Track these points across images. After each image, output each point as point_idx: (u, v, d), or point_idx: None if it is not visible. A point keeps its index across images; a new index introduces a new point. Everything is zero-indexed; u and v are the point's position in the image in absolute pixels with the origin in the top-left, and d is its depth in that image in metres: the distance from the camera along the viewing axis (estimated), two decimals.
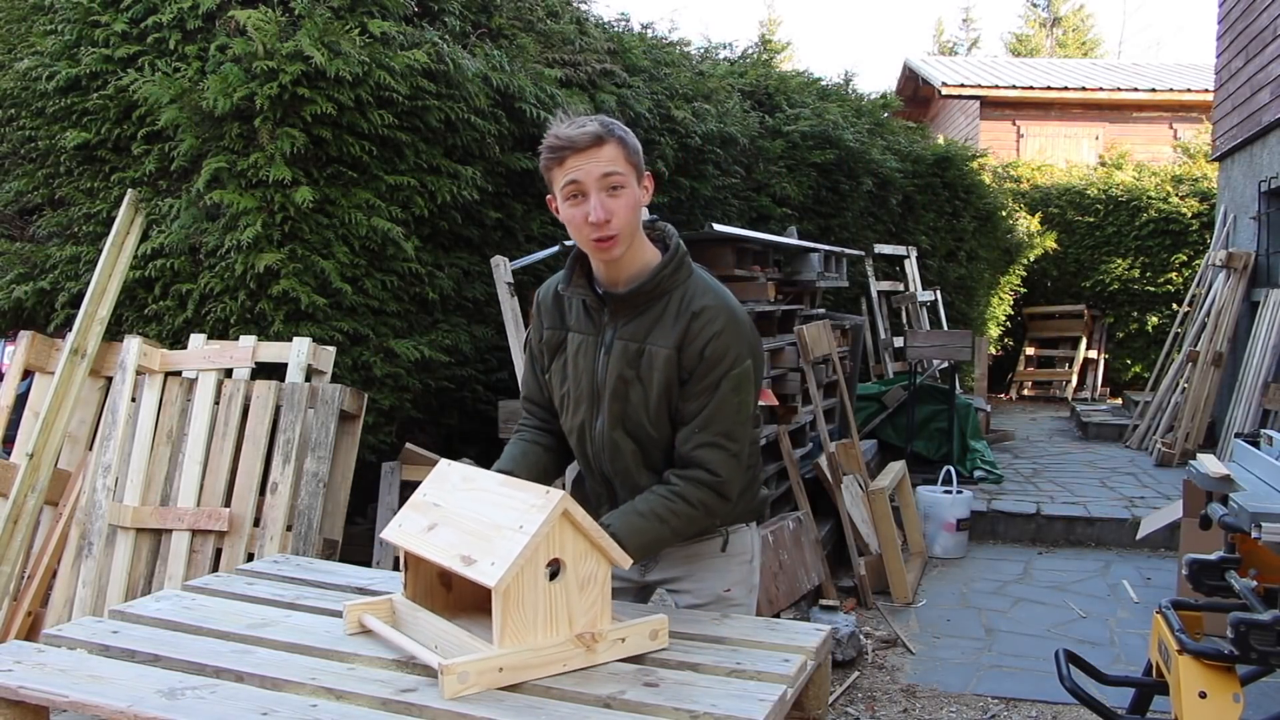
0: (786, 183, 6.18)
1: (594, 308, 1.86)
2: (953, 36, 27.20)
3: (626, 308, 1.82)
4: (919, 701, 3.50)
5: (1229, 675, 2.09)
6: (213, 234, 3.29)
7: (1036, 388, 11.48)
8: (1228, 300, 7.24)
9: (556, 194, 1.78)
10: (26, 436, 3.28)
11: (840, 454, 4.80)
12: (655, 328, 1.81)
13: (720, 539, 1.94)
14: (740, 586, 1.98)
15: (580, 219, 1.74)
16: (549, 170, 1.77)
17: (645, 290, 1.80)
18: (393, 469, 3.64)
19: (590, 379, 1.86)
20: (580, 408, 1.89)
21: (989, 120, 13.34)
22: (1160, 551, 5.36)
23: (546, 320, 1.95)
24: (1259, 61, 7.04)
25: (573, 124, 1.74)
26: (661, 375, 1.79)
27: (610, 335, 1.84)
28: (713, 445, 1.79)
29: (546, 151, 1.75)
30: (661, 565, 1.96)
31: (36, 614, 3.20)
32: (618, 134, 1.76)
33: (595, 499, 1.97)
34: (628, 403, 1.82)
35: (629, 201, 1.75)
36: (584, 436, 1.90)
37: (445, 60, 3.54)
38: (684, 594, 1.97)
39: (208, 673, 1.53)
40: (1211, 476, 2.63)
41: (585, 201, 1.73)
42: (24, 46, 3.69)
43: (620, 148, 1.75)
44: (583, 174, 1.72)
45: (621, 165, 1.74)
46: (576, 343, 1.88)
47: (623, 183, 1.74)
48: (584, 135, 1.71)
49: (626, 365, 1.81)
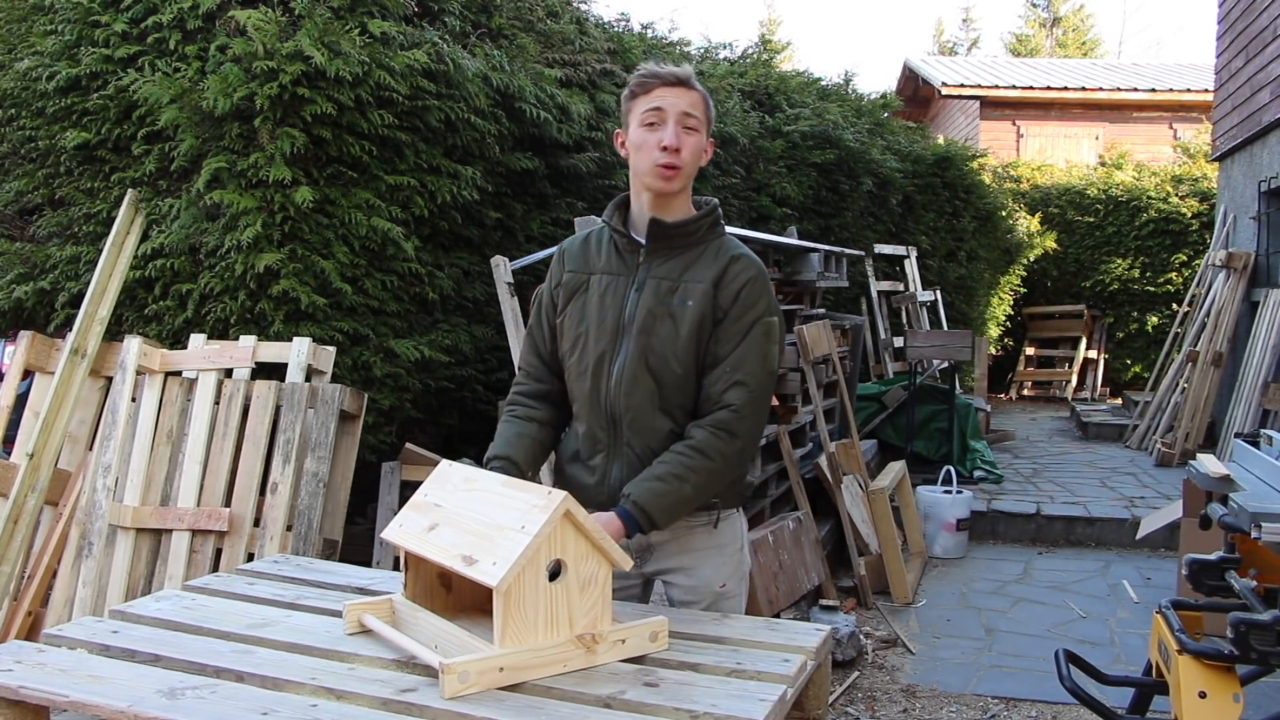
0: (786, 183, 6.18)
1: (627, 250, 1.94)
2: (953, 36, 27.22)
3: (664, 247, 1.90)
4: (919, 701, 3.50)
5: (1229, 675, 2.09)
6: (213, 234, 3.29)
7: (1036, 388, 11.48)
8: (1227, 300, 7.24)
9: (631, 123, 1.89)
10: (27, 436, 3.28)
11: (840, 454, 4.80)
12: (691, 267, 1.89)
13: (712, 517, 1.96)
14: (733, 578, 2.02)
15: (654, 143, 1.85)
16: (632, 99, 1.90)
17: (689, 227, 1.90)
18: (393, 469, 3.64)
19: (616, 315, 1.90)
20: (600, 344, 1.91)
21: (989, 120, 13.34)
22: (1160, 551, 5.36)
23: (569, 265, 2.01)
24: (1259, 61, 7.04)
25: (664, 64, 1.91)
26: (696, 309, 1.85)
27: (643, 274, 1.91)
28: (740, 385, 1.84)
29: (635, 81, 1.89)
30: (657, 556, 1.98)
31: (36, 614, 3.20)
32: (701, 89, 1.91)
33: (590, 446, 1.95)
34: (654, 337, 1.87)
35: (696, 145, 1.89)
36: (600, 374, 1.91)
37: (445, 60, 3.54)
38: (678, 587, 1.99)
39: (208, 673, 1.54)
40: (1211, 476, 2.63)
41: (662, 129, 1.85)
42: (24, 46, 3.69)
43: (701, 100, 1.90)
44: (667, 104, 1.86)
45: (699, 113, 1.89)
46: (603, 283, 1.93)
47: (697, 127, 1.88)
48: (674, 74, 1.87)
49: (658, 301, 1.88)
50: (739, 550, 2.03)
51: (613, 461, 1.92)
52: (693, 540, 1.97)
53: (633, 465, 1.89)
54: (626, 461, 1.90)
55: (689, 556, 1.97)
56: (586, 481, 1.94)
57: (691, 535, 1.97)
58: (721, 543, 1.99)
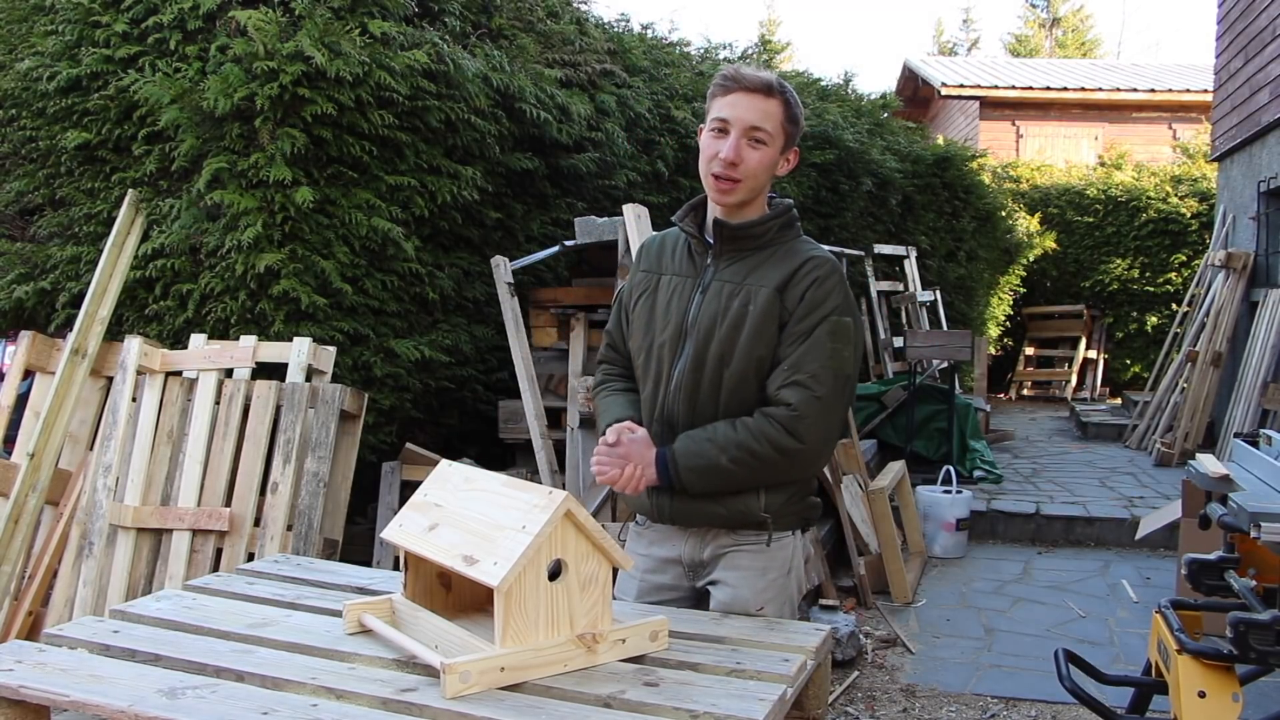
0: (786, 183, 6.18)
1: (698, 251, 1.91)
2: (952, 37, 27.23)
3: (732, 248, 1.87)
4: (919, 701, 3.50)
5: (1228, 675, 2.09)
6: (213, 234, 3.30)
7: (1036, 388, 11.48)
8: (1227, 300, 7.24)
9: (706, 124, 1.85)
10: (27, 436, 3.28)
11: (840, 454, 4.80)
12: (758, 270, 1.85)
13: (763, 536, 1.88)
14: (774, 603, 1.90)
15: (712, 152, 1.82)
16: (712, 99, 1.85)
17: (755, 229, 1.85)
18: (393, 469, 3.64)
19: (680, 318, 1.88)
20: (663, 347, 1.88)
21: (988, 120, 13.34)
22: (1160, 551, 5.36)
23: (643, 264, 1.99)
24: (1258, 62, 7.04)
25: (752, 68, 1.86)
26: (759, 313, 1.80)
27: (709, 276, 1.88)
28: (797, 384, 1.77)
29: (717, 80, 1.84)
30: (707, 569, 1.93)
31: (37, 614, 3.20)
32: (787, 95, 1.84)
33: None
34: (714, 340, 1.83)
35: (765, 159, 1.82)
36: (660, 379, 1.89)
37: (445, 60, 3.55)
38: (715, 600, 1.92)
39: (208, 672, 1.54)
40: (1211, 476, 2.63)
41: (725, 139, 1.80)
42: (25, 47, 3.69)
43: (784, 108, 1.83)
44: (735, 115, 1.80)
45: (774, 124, 1.82)
46: (671, 286, 1.91)
47: (767, 140, 1.82)
48: (756, 80, 1.81)
49: (720, 304, 1.84)
50: (785, 575, 1.91)
51: None
52: (739, 558, 1.90)
53: None
54: None
55: (733, 573, 1.90)
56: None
57: (739, 553, 1.90)
58: (767, 565, 1.89)
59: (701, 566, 1.94)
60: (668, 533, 1.94)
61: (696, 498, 1.84)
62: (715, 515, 1.87)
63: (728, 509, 1.85)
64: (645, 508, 1.94)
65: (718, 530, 1.90)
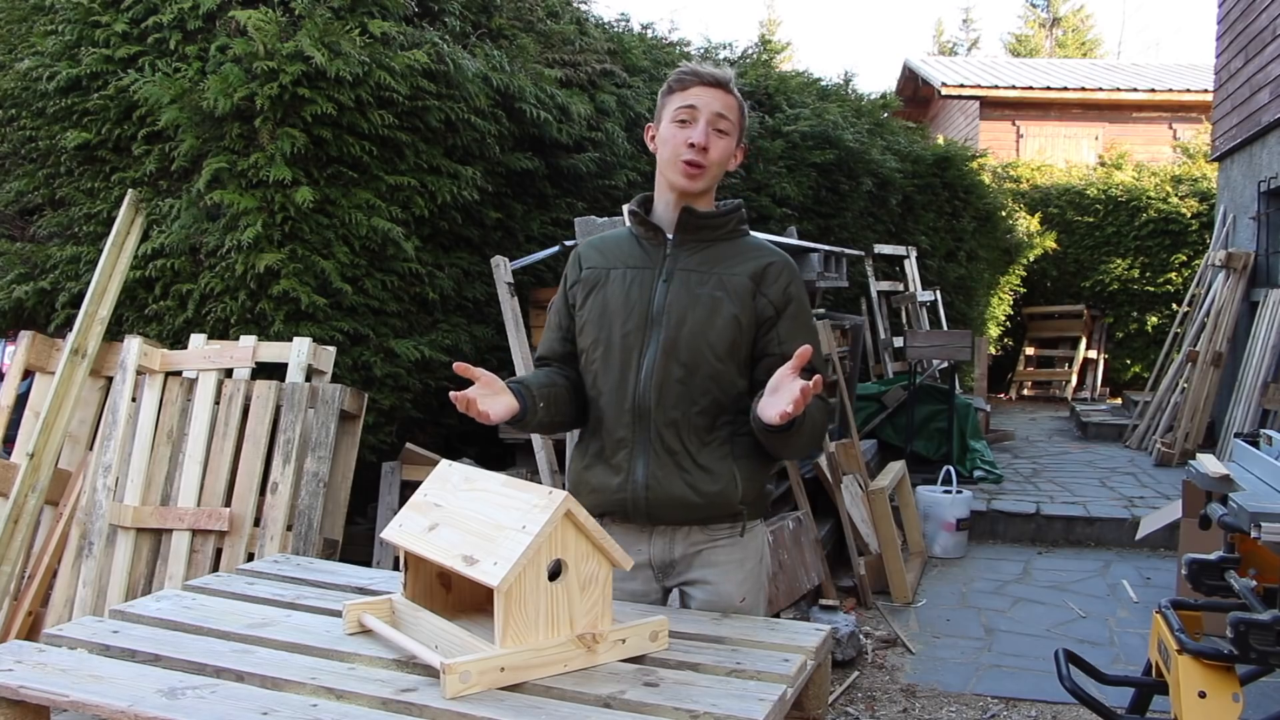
0: (786, 183, 6.18)
1: (651, 242, 1.94)
2: (952, 37, 27.22)
3: (695, 237, 1.91)
4: (919, 701, 3.50)
5: (1228, 675, 2.09)
6: (213, 234, 3.30)
7: (1036, 388, 11.48)
8: (1227, 300, 7.24)
9: (664, 118, 1.90)
10: (27, 436, 3.28)
11: (840, 454, 4.80)
12: (724, 260, 1.90)
13: (737, 527, 1.93)
14: (753, 591, 1.97)
15: (681, 140, 1.86)
16: (667, 95, 1.90)
17: (718, 220, 1.92)
18: (393, 469, 3.64)
19: (645, 307, 1.88)
20: (627, 337, 1.88)
21: (989, 120, 13.34)
22: (1160, 551, 5.36)
23: (586, 263, 1.99)
24: (1259, 61, 7.04)
25: (705, 65, 1.92)
26: (735, 299, 1.86)
27: (671, 266, 1.90)
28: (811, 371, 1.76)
29: (673, 77, 1.90)
30: (679, 569, 1.94)
31: (37, 614, 3.20)
32: (738, 95, 1.92)
33: (613, 444, 1.89)
34: (686, 327, 1.85)
35: (727, 149, 1.90)
36: (628, 366, 1.87)
37: (445, 60, 3.55)
38: (696, 600, 1.94)
39: (208, 672, 1.54)
40: (1211, 476, 2.63)
41: (692, 127, 1.85)
42: (25, 47, 3.69)
43: (737, 105, 1.91)
44: (701, 104, 1.87)
45: (733, 116, 1.90)
46: (627, 276, 1.92)
47: (729, 130, 1.89)
48: (713, 75, 1.88)
49: (689, 292, 1.87)
50: (759, 563, 1.99)
51: (637, 458, 1.86)
52: (715, 554, 1.92)
53: (660, 460, 1.84)
54: (654, 456, 1.85)
55: (712, 570, 1.92)
56: (609, 482, 1.88)
57: (714, 549, 1.92)
58: (744, 556, 1.94)
59: (672, 567, 1.94)
60: (633, 534, 1.91)
61: (673, 491, 1.85)
62: (692, 508, 1.86)
63: (705, 499, 1.86)
64: (612, 507, 1.90)
65: (689, 527, 1.90)
